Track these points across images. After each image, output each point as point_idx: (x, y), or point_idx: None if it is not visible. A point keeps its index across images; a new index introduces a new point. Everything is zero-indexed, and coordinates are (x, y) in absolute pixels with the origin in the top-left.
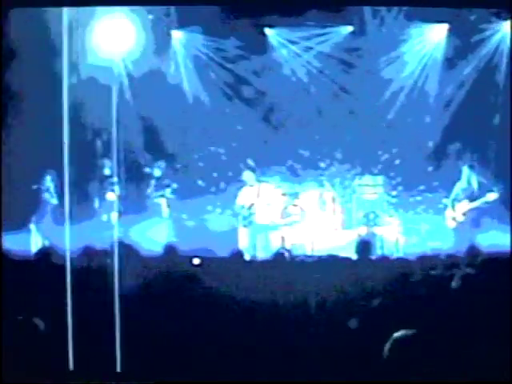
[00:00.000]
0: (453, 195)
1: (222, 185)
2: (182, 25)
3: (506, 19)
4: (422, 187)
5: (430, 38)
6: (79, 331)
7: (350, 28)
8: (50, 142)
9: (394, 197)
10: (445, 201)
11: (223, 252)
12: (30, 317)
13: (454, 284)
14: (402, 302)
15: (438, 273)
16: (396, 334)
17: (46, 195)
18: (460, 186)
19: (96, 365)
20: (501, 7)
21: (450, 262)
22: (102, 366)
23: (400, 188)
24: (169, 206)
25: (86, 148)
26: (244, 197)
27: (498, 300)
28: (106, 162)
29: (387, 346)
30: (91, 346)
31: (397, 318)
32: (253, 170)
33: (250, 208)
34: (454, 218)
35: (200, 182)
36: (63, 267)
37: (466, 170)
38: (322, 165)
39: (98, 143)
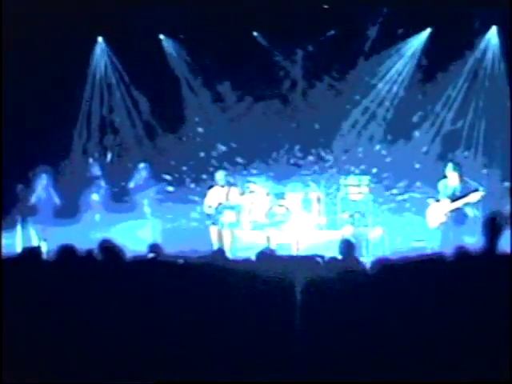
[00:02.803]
0: (442, 194)
1: (208, 184)
2: (171, 29)
3: (492, 24)
4: (407, 187)
5: (418, 40)
6: (78, 332)
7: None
8: (42, 142)
9: (379, 197)
10: (429, 200)
11: (204, 251)
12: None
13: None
14: (398, 303)
15: (430, 272)
16: None
17: (35, 195)
18: (446, 184)
19: (95, 365)
20: (500, 7)
21: (439, 262)
22: (101, 366)
23: (385, 188)
24: (152, 205)
25: (74, 149)
26: (212, 197)
27: (497, 300)
28: (93, 162)
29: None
30: (90, 346)
31: (394, 319)
32: (227, 170)
33: (216, 208)
34: (437, 217)
35: (188, 183)
36: (50, 266)
37: (450, 167)
38: (308, 164)
39: (87, 144)
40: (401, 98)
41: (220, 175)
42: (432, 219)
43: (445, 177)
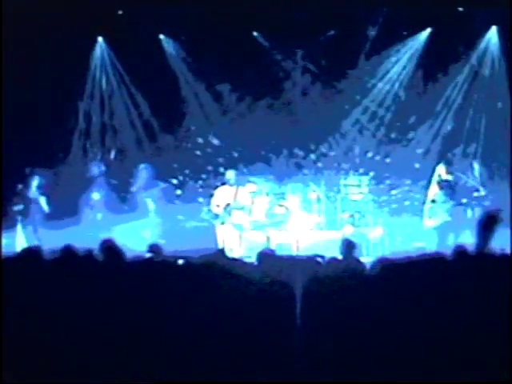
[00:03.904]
0: (431, 194)
1: (209, 185)
2: (171, 29)
3: (492, 24)
4: (407, 187)
5: (418, 40)
6: (78, 332)
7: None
8: (42, 142)
9: (379, 196)
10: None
11: (207, 252)
12: (24, 317)
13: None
14: (398, 303)
15: (430, 273)
16: None
17: (33, 195)
18: (437, 185)
19: (95, 365)
20: (500, 7)
21: (440, 262)
22: (101, 366)
23: (385, 188)
24: (154, 205)
25: (73, 148)
26: (221, 196)
27: (497, 300)
28: (94, 162)
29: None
30: (90, 346)
31: (395, 319)
32: (236, 169)
33: (225, 207)
34: (434, 218)
35: (188, 183)
36: (50, 266)
37: (441, 167)
38: (308, 164)
39: (86, 143)
40: (401, 98)
41: (230, 174)
42: (428, 220)
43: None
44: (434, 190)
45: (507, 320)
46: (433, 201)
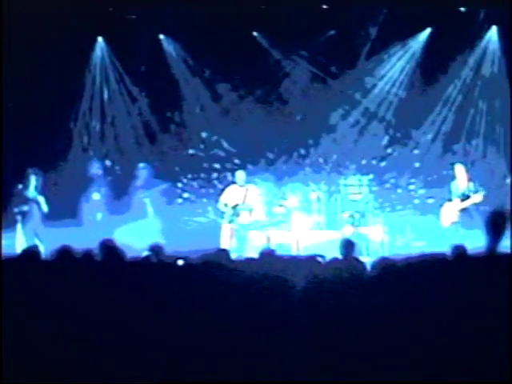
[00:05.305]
0: (453, 194)
1: (210, 185)
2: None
3: (492, 24)
4: (407, 186)
5: (418, 40)
6: (78, 332)
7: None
8: (38, 142)
9: (379, 196)
10: (431, 201)
11: (208, 251)
12: (25, 317)
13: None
14: (399, 303)
15: (430, 272)
16: None
17: (32, 195)
18: (456, 185)
19: (95, 365)
20: (500, 7)
21: (440, 262)
22: (101, 367)
23: (385, 188)
24: (155, 205)
25: (73, 148)
26: (230, 196)
27: (497, 300)
28: (94, 161)
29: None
30: (90, 346)
31: (395, 319)
32: (244, 170)
33: (234, 208)
34: (450, 217)
35: (188, 183)
36: (50, 267)
37: (459, 167)
38: (309, 164)
39: (87, 143)
40: (401, 98)
41: (241, 175)
42: (445, 219)
43: (455, 177)
44: (454, 191)
45: (507, 320)
46: (449, 200)
